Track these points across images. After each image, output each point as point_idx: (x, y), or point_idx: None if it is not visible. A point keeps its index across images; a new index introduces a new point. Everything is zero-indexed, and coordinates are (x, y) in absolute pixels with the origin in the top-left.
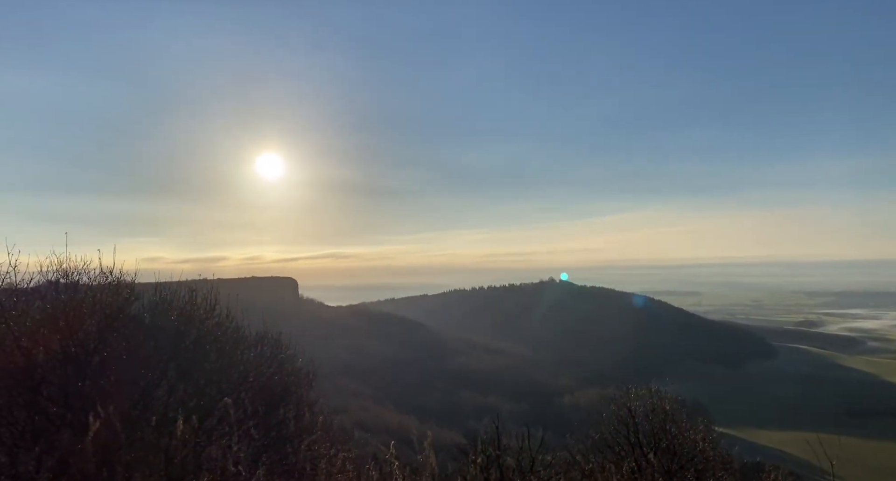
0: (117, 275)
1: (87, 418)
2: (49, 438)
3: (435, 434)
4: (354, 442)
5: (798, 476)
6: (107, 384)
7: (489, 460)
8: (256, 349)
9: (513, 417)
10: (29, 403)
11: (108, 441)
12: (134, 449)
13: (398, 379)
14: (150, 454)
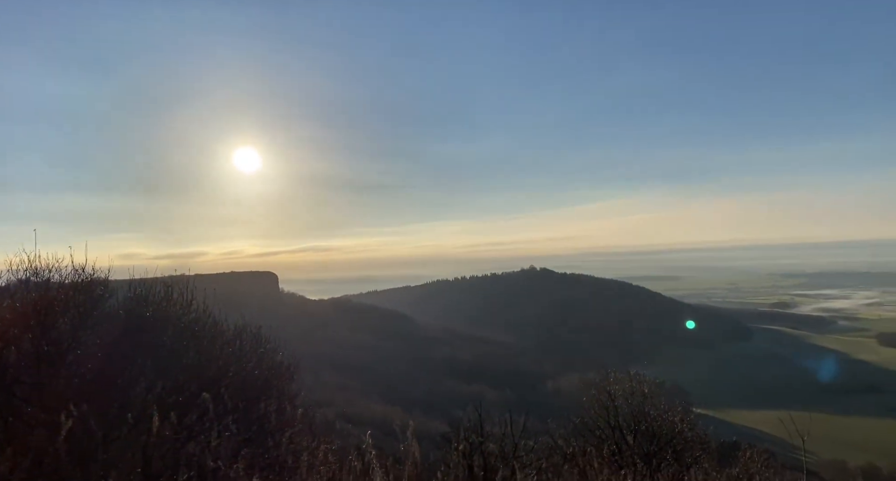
0: (90, 273)
1: (61, 418)
2: (23, 439)
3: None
4: (337, 434)
5: (772, 453)
6: (81, 382)
7: (472, 447)
8: (235, 344)
9: (497, 404)
10: (2, 404)
11: (83, 440)
12: (111, 448)
13: (383, 371)
14: (127, 452)
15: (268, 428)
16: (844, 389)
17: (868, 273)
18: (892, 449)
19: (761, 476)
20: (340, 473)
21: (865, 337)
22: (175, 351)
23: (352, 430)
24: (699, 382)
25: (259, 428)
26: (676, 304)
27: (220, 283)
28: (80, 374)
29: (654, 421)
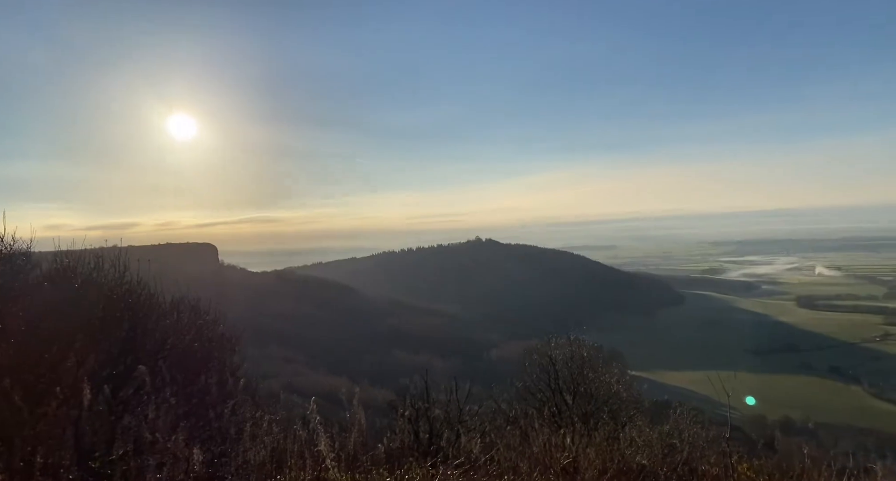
0: (9, 243)
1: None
2: None
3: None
4: (282, 405)
5: (701, 410)
6: (4, 358)
7: (418, 413)
8: (173, 316)
9: (443, 373)
10: None
11: (7, 417)
12: (38, 424)
13: (329, 344)
14: (56, 427)
15: (209, 401)
16: (766, 349)
17: (789, 240)
18: (804, 402)
19: (689, 431)
20: (285, 442)
21: (785, 300)
22: (108, 323)
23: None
24: (635, 346)
25: (200, 401)
26: (615, 272)
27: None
28: (2, 350)
29: (592, 383)
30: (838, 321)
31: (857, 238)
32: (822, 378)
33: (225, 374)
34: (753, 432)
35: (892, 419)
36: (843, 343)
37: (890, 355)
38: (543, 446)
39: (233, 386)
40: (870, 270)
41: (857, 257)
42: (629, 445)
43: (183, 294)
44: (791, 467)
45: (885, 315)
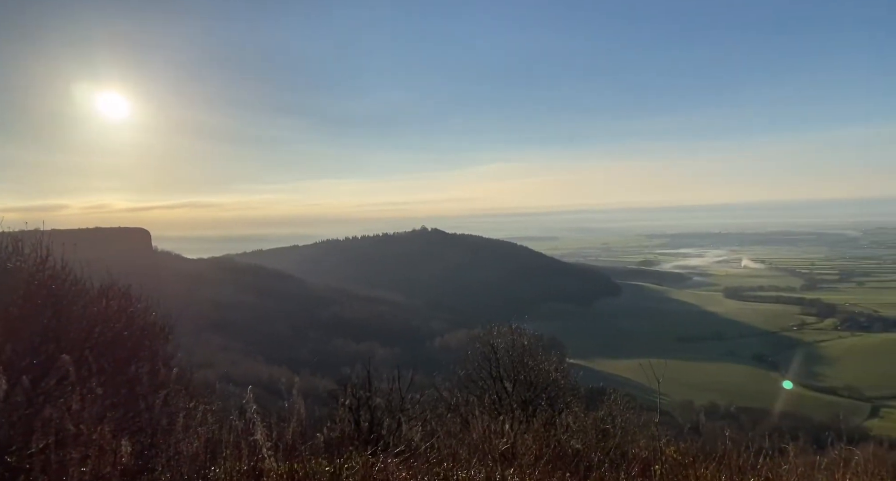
0: None
1: None
2: None
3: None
4: (218, 395)
5: (633, 396)
6: None
7: (359, 402)
8: (101, 303)
9: (386, 362)
10: None
11: None
12: None
13: (268, 332)
14: None
15: (139, 391)
16: (695, 337)
17: (718, 234)
18: (729, 388)
19: (622, 417)
20: (220, 432)
21: (714, 291)
22: (27, 311)
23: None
24: (573, 334)
25: (129, 391)
26: (556, 263)
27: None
28: None
29: (532, 370)
30: (761, 311)
31: (780, 233)
32: (745, 365)
33: (157, 364)
34: (681, 417)
35: (806, 402)
36: (765, 332)
37: (806, 343)
38: (483, 433)
39: (165, 376)
40: (790, 263)
41: (779, 251)
42: (565, 431)
43: (112, 281)
44: (714, 449)
45: (802, 306)
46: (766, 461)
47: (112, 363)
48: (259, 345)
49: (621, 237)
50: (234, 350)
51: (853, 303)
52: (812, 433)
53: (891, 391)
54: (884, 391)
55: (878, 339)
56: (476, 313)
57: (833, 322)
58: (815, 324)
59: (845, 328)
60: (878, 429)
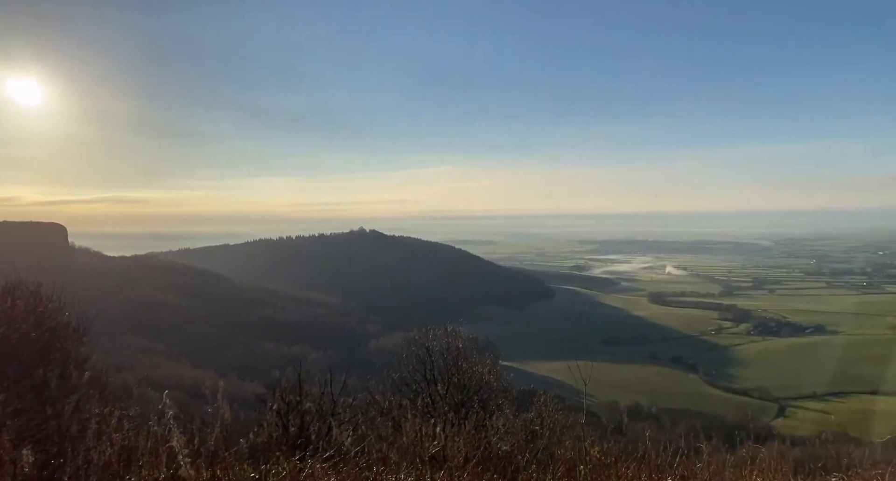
0: None
1: None
2: None
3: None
4: (136, 399)
5: (562, 398)
6: None
7: (289, 406)
8: (6, 302)
9: (319, 365)
10: None
11: None
12: None
13: (194, 334)
14: None
15: (48, 396)
16: (621, 340)
17: (645, 241)
18: (651, 389)
19: (550, 418)
20: (136, 439)
21: (640, 296)
22: None
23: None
24: (508, 337)
25: (36, 397)
26: (493, 267)
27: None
28: None
29: (466, 373)
30: (682, 316)
31: (700, 241)
32: (666, 367)
33: (68, 367)
34: (606, 417)
35: (721, 403)
36: (685, 335)
37: (722, 346)
38: (414, 436)
39: (77, 380)
40: (709, 271)
41: (699, 259)
42: (495, 433)
43: (20, 278)
44: (636, 449)
45: (720, 311)
46: (683, 460)
47: (17, 366)
48: (184, 348)
49: (555, 242)
50: (156, 352)
51: (765, 309)
52: (725, 432)
53: (796, 392)
54: (789, 392)
55: (786, 344)
56: (412, 316)
57: (747, 327)
58: (731, 328)
59: (757, 333)
60: (783, 428)
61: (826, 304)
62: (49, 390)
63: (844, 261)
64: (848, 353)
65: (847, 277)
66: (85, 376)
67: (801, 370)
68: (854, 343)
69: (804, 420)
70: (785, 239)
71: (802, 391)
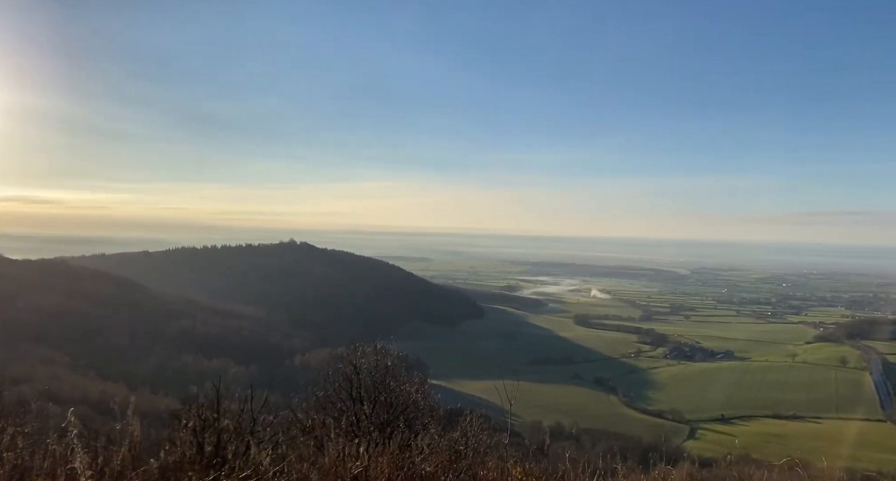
0: None
1: None
2: None
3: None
4: (33, 414)
5: (488, 417)
6: None
7: (205, 423)
8: None
9: (240, 380)
10: None
11: None
12: None
13: (103, 345)
14: None
15: None
16: (547, 360)
17: (573, 264)
18: (573, 409)
19: (475, 438)
20: (32, 459)
21: (566, 317)
22: None
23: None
24: (437, 355)
25: None
26: (426, 284)
27: None
28: None
29: (393, 391)
30: (604, 338)
31: (624, 267)
32: (588, 388)
33: None
34: (530, 437)
35: (637, 424)
36: (607, 357)
37: (641, 369)
38: (336, 456)
39: None
40: (631, 295)
41: (622, 283)
42: (420, 453)
43: None
44: (556, 469)
45: (640, 334)
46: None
47: None
48: (92, 360)
49: (488, 262)
50: (59, 363)
51: (680, 334)
52: (640, 453)
53: (706, 414)
54: (700, 414)
55: (699, 368)
56: (341, 331)
57: (664, 350)
58: (649, 351)
59: (673, 357)
60: (693, 449)
61: (735, 331)
62: None
63: (752, 291)
64: (753, 378)
65: (754, 306)
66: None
67: (711, 394)
68: (759, 369)
69: (712, 442)
70: (700, 268)
71: (711, 414)
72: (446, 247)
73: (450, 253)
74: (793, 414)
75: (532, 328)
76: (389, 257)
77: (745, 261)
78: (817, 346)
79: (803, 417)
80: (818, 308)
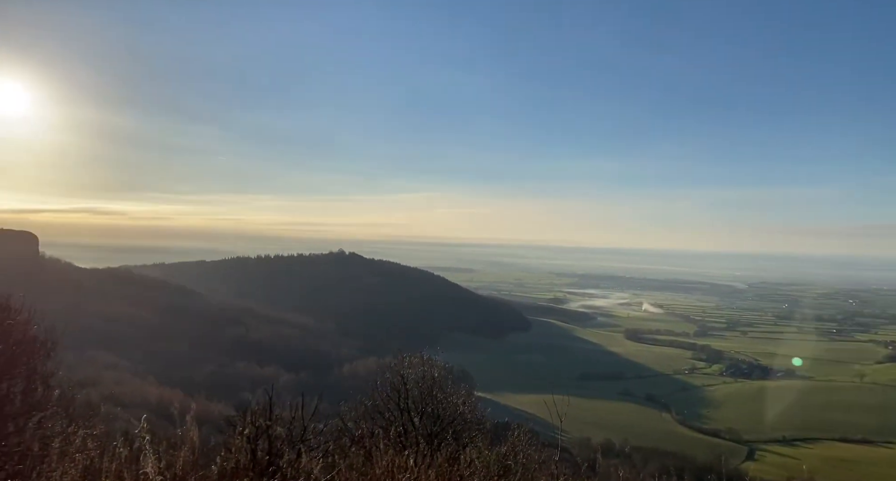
0: None
1: None
2: None
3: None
4: (101, 417)
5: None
6: None
7: (258, 431)
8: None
9: (290, 388)
10: None
11: None
12: None
13: (163, 351)
14: None
15: (10, 412)
16: (596, 376)
17: (623, 277)
18: (623, 426)
19: (524, 453)
20: (101, 460)
21: (616, 331)
22: None
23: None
24: (483, 367)
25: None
26: (471, 295)
27: None
28: None
29: (440, 403)
30: (657, 354)
31: (677, 280)
32: (639, 404)
33: (34, 382)
34: (579, 454)
35: (691, 443)
36: (659, 373)
37: (695, 386)
38: (386, 467)
39: (42, 396)
40: (684, 310)
41: (675, 297)
42: (468, 466)
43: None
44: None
45: (694, 350)
46: None
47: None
48: (151, 365)
49: (534, 273)
50: (122, 369)
51: (737, 350)
52: (695, 473)
53: (766, 435)
54: (759, 435)
55: (757, 386)
56: (388, 341)
57: (719, 367)
58: (704, 368)
59: (729, 374)
60: (753, 472)
61: (797, 349)
62: (12, 405)
63: (815, 308)
64: (817, 399)
65: (817, 323)
66: (54, 393)
67: (771, 414)
68: (823, 389)
69: (774, 464)
70: (758, 282)
71: (772, 435)
72: (491, 258)
73: (494, 264)
74: (862, 437)
75: (580, 342)
76: (434, 268)
77: (806, 276)
78: (888, 367)
79: (874, 441)
80: (889, 326)
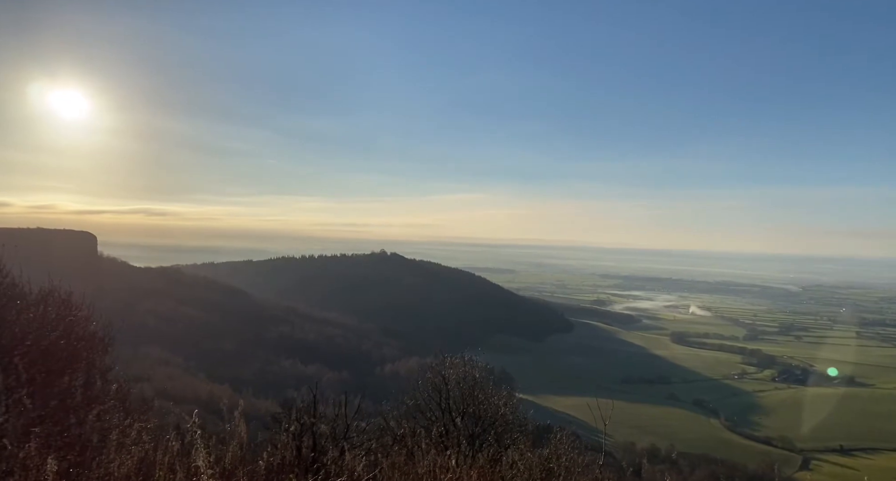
0: None
1: None
2: None
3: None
4: (154, 412)
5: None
6: None
7: (303, 428)
8: (38, 309)
9: (333, 386)
10: None
11: None
12: None
13: (212, 348)
14: None
15: (71, 404)
16: (641, 379)
17: (669, 279)
18: (669, 431)
19: (567, 456)
20: (155, 453)
21: (662, 334)
22: None
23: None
24: (524, 368)
25: (60, 404)
26: (512, 296)
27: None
28: None
29: (482, 404)
30: (704, 358)
31: (726, 283)
32: (686, 409)
33: (93, 376)
34: (623, 459)
35: (742, 450)
36: (707, 378)
37: (745, 392)
38: (429, 467)
39: (101, 390)
40: (734, 313)
41: (724, 300)
42: (510, 468)
43: (53, 285)
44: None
45: (744, 355)
46: None
47: (44, 373)
48: (200, 361)
49: (576, 275)
50: (173, 365)
51: (790, 355)
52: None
53: (821, 444)
54: (814, 444)
55: (812, 393)
56: (428, 341)
57: (771, 373)
58: (755, 373)
59: (782, 380)
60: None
61: (856, 355)
62: (73, 398)
63: (876, 312)
64: (879, 408)
65: (878, 328)
66: (112, 387)
67: (827, 422)
68: (885, 397)
69: (830, 474)
70: (813, 285)
71: (828, 444)
72: (531, 259)
73: (535, 265)
74: None
75: (624, 345)
76: (475, 268)
77: (865, 279)
78: None
79: None
80: None
